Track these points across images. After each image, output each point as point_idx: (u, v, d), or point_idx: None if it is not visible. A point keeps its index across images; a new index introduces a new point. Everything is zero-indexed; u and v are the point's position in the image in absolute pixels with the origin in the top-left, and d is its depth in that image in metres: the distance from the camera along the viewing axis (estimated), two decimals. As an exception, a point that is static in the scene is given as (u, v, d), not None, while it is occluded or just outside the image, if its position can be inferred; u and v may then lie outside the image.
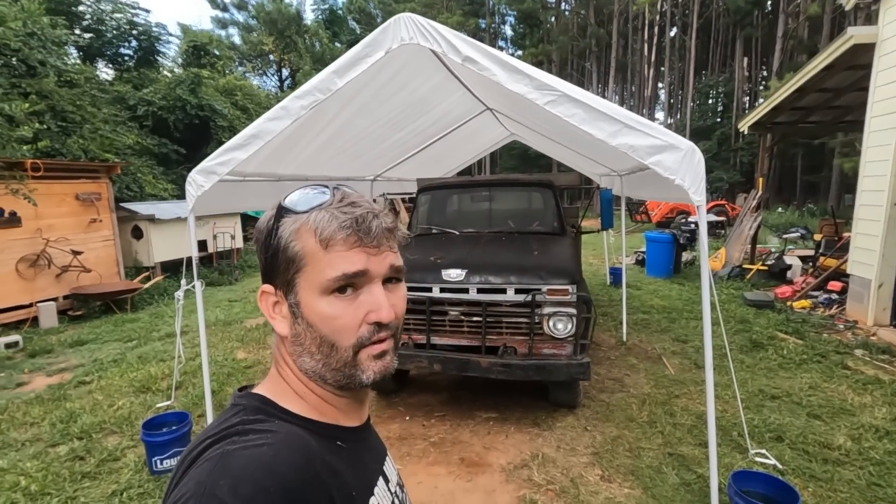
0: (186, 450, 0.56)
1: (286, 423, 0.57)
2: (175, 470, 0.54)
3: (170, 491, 0.52)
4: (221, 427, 0.55)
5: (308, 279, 0.57)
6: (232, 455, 0.50)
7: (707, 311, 2.39)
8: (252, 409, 0.57)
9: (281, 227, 0.58)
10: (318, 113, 2.93)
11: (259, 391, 0.61)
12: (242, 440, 0.52)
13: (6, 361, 5.45)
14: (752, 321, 6.02)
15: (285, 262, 0.58)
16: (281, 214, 0.59)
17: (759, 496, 2.32)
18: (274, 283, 0.60)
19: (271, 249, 0.59)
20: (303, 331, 0.59)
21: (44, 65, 9.78)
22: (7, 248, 6.70)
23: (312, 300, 0.57)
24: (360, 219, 0.57)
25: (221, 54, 20.12)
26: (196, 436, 0.57)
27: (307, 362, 0.59)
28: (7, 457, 3.31)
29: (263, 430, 0.54)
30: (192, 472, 0.50)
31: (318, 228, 0.56)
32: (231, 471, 0.48)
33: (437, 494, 2.82)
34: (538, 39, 35.84)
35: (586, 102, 2.30)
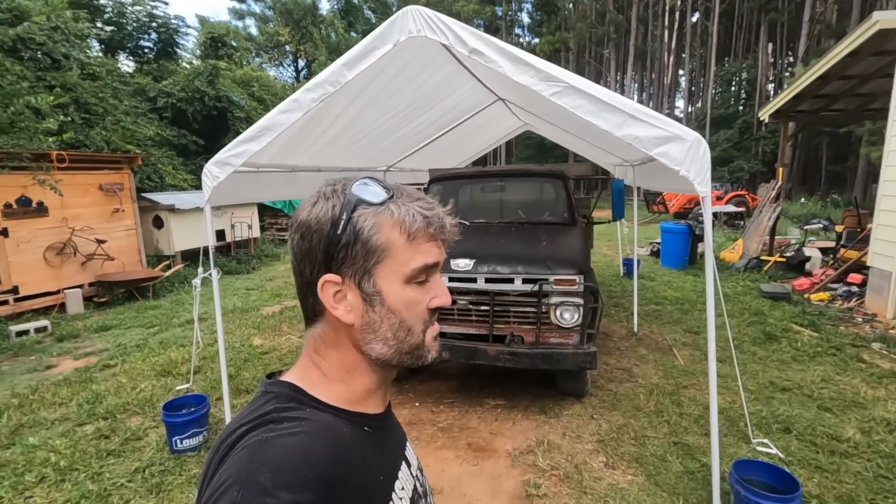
0: (221, 437, 0.57)
1: (317, 410, 0.59)
2: (210, 456, 0.56)
3: (208, 477, 0.53)
4: (256, 414, 0.56)
5: (391, 269, 0.60)
6: (270, 443, 0.52)
7: (711, 303, 2.41)
8: (284, 397, 0.59)
9: (358, 219, 0.59)
10: (329, 105, 2.99)
11: (288, 379, 0.63)
12: (279, 428, 0.54)
13: (36, 345, 5.69)
14: (767, 313, 5.95)
15: (364, 253, 0.59)
16: (353, 206, 0.59)
17: (761, 485, 2.34)
18: (340, 273, 0.60)
19: (342, 240, 0.59)
20: (379, 318, 0.61)
21: (67, 58, 10.03)
22: (35, 237, 6.95)
23: (396, 288, 0.60)
24: (437, 216, 0.62)
25: (238, 45, 20.30)
26: (229, 423, 0.59)
27: (378, 348, 0.61)
28: (38, 434, 3.49)
29: (297, 418, 0.56)
30: (231, 458, 0.52)
31: (404, 222, 0.59)
32: (270, 458, 0.50)
33: (445, 478, 2.90)
34: (555, 27, 35.28)
35: (592, 93, 2.31)
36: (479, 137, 7.35)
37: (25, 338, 5.89)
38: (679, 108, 38.11)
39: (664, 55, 33.12)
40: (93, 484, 2.87)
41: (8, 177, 6.50)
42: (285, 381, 0.62)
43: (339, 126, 3.61)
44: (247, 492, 0.47)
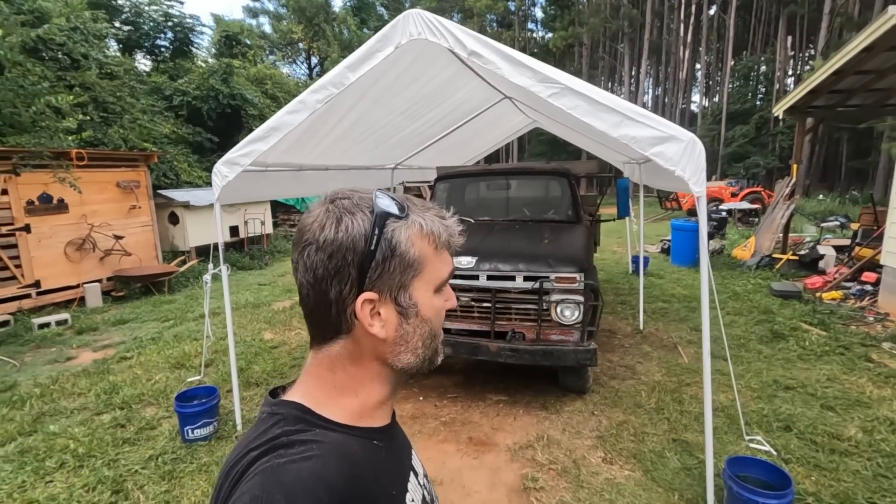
0: (229, 462, 0.56)
1: (327, 430, 0.58)
2: (219, 482, 0.56)
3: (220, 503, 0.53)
4: (265, 438, 0.55)
5: (425, 280, 0.61)
6: (282, 468, 0.51)
7: (705, 301, 2.44)
8: (292, 419, 0.58)
9: (393, 233, 0.58)
10: (335, 105, 3.07)
11: (294, 398, 0.61)
12: (290, 452, 0.53)
13: (57, 337, 5.90)
14: (777, 312, 5.90)
15: (402, 267, 0.59)
16: (384, 220, 0.58)
17: (755, 481, 2.37)
18: (376, 289, 0.59)
19: (378, 255, 0.58)
20: (413, 329, 0.61)
21: (86, 58, 10.28)
22: (56, 233, 7.18)
23: (428, 298, 0.62)
24: (453, 227, 0.64)
25: (252, 43, 20.53)
26: (236, 446, 0.58)
27: (407, 358, 0.62)
28: (58, 422, 3.65)
29: (308, 441, 0.55)
30: (244, 485, 0.51)
31: (432, 233, 0.61)
32: (284, 484, 0.49)
33: (445, 470, 2.98)
34: (568, 22, 34.95)
35: (588, 95, 2.35)
36: (488, 134, 7.38)
37: (47, 330, 6.11)
38: (695, 102, 37.55)
39: (679, 49, 32.64)
40: (109, 470, 3.00)
41: (30, 175, 6.72)
42: (292, 401, 0.61)
43: (345, 125, 3.69)
44: None
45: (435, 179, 5.11)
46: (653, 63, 37.46)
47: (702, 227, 2.40)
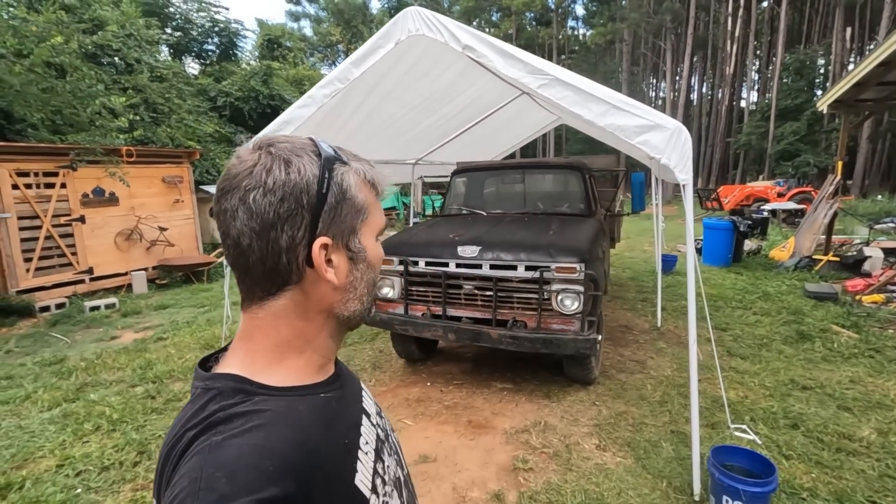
0: (166, 445, 0.53)
1: (268, 397, 0.55)
2: (160, 467, 0.53)
3: (160, 490, 0.51)
4: (200, 416, 0.52)
5: (370, 226, 0.62)
6: (221, 445, 0.48)
7: (692, 297, 2.44)
8: (229, 392, 0.54)
9: (342, 177, 0.58)
10: (344, 100, 3.25)
11: (229, 369, 0.57)
12: (228, 428, 0.50)
13: (105, 319, 6.42)
14: (808, 313, 5.67)
15: (352, 211, 0.59)
16: (332, 164, 0.58)
17: (740, 470, 2.36)
18: (329, 234, 0.58)
19: (329, 199, 0.57)
20: (361, 275, 0.62)
21: (139, 62, 11.03)
22: (107, 224, 7.78)
23: (373, 244, 0.63)
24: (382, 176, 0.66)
25: (293, 46, 21.30)
26: (172, 426, 0.55)
27: (354, 306, 0.62)
28: (98, 392, 4.01)
29: (248, 412, 0.52)
30: (183, 468, 0.48)
31: (374, 180, 0.63)
32: (225, 461, 0.47)
33: (441, 448, 3.10)
34: (608, 17, 34.22)
35: (576, 85, 2.41)
36: (511, 131, 7.43)
37: (97, 312, 6.65)
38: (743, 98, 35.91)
39: (727, 44, 31.32)
40: (136, 434, 3.30)
41: (85, 170, 7.31)
42: (226, 372, 0.57)
43: (358, 119, 3.87)
44: (202, 501, 0.44)
45: (452, 173, 5.23)
46: (699, 58, 36.12)
47: (688, 218, 2.42)
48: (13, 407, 3.80)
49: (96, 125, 7.79)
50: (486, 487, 2.71)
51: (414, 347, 4.35)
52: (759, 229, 11.19)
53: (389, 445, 0.72)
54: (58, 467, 2.95)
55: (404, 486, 0.73)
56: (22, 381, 4.28)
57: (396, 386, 4.06)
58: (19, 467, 2.98)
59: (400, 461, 0.76)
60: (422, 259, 3.75)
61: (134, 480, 2.83)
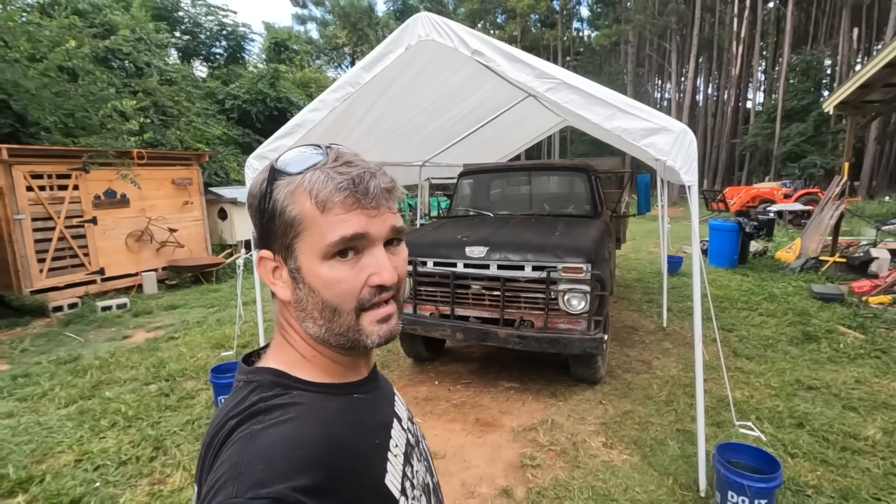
0: (210, 432, 0.56)
1: (304, 392, 0.57)
2: (202, 454, 0.56)
3: (202, 474, 0.54)
4: (242, 407, 0.55)
5: (308, 244, 0.55)
6: (260, 434, 0.51)
7: (697, 297, 2.49)
8: (267, 385, 0.57)
9: (275, 190, 0.55)
10: (355, 104, 3.32)
11: (268, 363, 0.61)
12: (267, 418, 0.53)
13: (116, 319, 6.52)
14: (814, 314, 5.69)
15: (283, 227, 0.56)
16: (274, 177, 0.56)
17: (745, 467, 2.40)
18: (272, 248, 0.58)
19: (267, 214, 0.56)
20: (305, 296, 0.58)
21: (149, 66, 11.17)
22: (118, 225, 7.89)
23: (313, 265, 0.56)
24: (356, 179, 0.55)
25: (300, 49, 21.46)
26: (215, 416, 0.58)
27: (311, 327, 0.59)
28: (113, 390, 4.10)
29: (284, 405, 0.55)
30: (224, 454, 0.51)
31: (313, 190, 0.54)
32: (262, 449, 0.50)
33: (449, 445, 3.15)
34: (613, 19, 34.22)
35: (583, 89, 2.46)
36: (517, 133, 7.48)
37: (109, 312, 6.75)
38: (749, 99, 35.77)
39: (733, 45, 31.25)
40: (152, 430, 3.38)
41: (97, 172, 7.43)
42: (266, 366, 0.60)
43: (368, 122, 3.94)
44: (242, 486, 0.47)
45: (458, 175, 5.29)
46: (704, 60, 36.03)
47: (694, 219, 2.46)
48: (31, 404, 3.89)
49: (108, 128, 7.91)
50: (494, 483, 2.76)
51: (422, 347, 4.40)
52: (765, 230, 11.18)
53: (419, 452, 0.73)
54: (76, 462, 3.03)
55: (433, 493, 0.73)
56: (38, 378, 4.37)
57: (405, 385, 4.11)
58: (39, 462, 3.06)
59: (430, 468, 0.76)
60: (430, 259, 3.81)
61: (151, 475, 2.90)
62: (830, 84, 28.16)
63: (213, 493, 0.48)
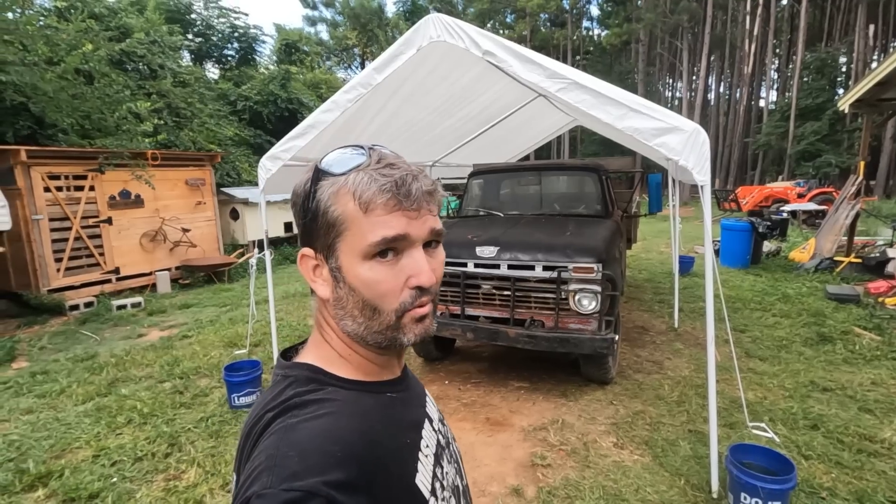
0: (248, 424, 0.58)
1: (339, 388, 0.59)
2: (241, 444, 0.58)
3: (241, 464, 0.55)
4: (279, 400, 0.57)
5: (349, 244, 0.57)
6: (295, 428, 0.52)
7: (710, 297, 2.47)
8: (304, 380, 0.59)
9: (319, 190, 0.57)
10: (366, 104, 3.35)
11: (305, 359, 0.63)
12: (303, 413, 0.54)
13: (131, 317, 6.62)
14: (829, 315, 5.61)
15: (325, 227, 0.57)
16: (318, 177, 0.58)
17: (758, 468, 2.39)
18: (314, 247, 0.60)
19: (310, 213, 0.58)
20: (345, 295, 0.59)
21: (162, 68, 11.32)
22: (133, 225, 8.01)
23: (354, 265, 0.57)
24: (399, 181, 0.56)
25: (310, 50, 21.61)
26: (254, 408, 0.60)
27: (349, 325, 0.60)
28: (128, 387, 4.17)
29: (320, 400, 0.56)
30: (261, 445, 0.53)
31: (356, 191, 0.55)
32: (298, 442, 0.51)
33: (459, 444, 3.09)
34: (624, 18, 33.99)
35: (594, 88, 2.46)
36: (527, 132, 7.47)
37: (123, 311, 6.86)
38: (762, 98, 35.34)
39: (745, 42, 30.89)
40: (167, 427, 3.43)
41: (112, 173, 7.55)
42: (303, 362, 0.62)
43: (379, 122, 3.96)
44: (276, 477, 0.48)
45: (468, 175, 5.30)
46: (716, 58, 35.66)
47: (706, 218, 2.45)
48: (50, 400, 3.97)
49: (123, 129, 8.05)
50: (504, 482, 2.77)
51: (432, 346, 4.42)
52: (779, 230, 11.04)
53: (450, 453, 0.73)
54: (94, 457, 3.09)
55: (462, 495, 0.74)
56: (56, 375, 4.46)
57: (415, 384, 4.13)
58: (58, 457, 3.12)
59: (460, 471, 0.76)
60: (440, 259, 3.82)
61: (166, 471, 2.95)
62: (846, 82, 27.73)
63: (249, 482, 0.49)
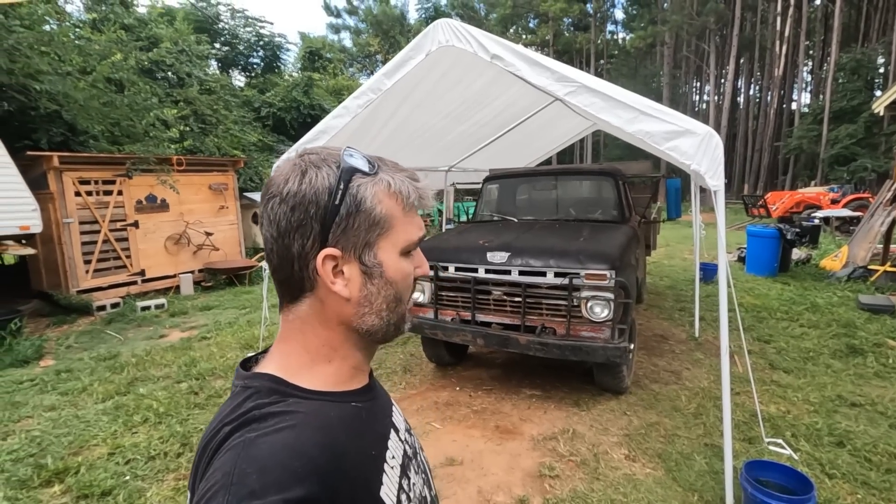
0: (204, 438, 0.55)
1: (301, 399, 0.57)
2: (197, 460, 0.55)
3: (195, 482, 0.53)
4: (237, 413, 0.54)
5: (392, 241, 0.60)
6: (254, 442, 0.50)
7: (724, 304, 2.38)
8: (265, 391, 0.56)
9: (358, 188, 0.57)
10: (378, 110, 3.36)
11: (267, 369, 0.60)
12: (263, 426, 0.52)
13: (154, 318, 6.80)
14: (860, 326, 5.37)
15: (367, 224, 0.57)
16: (350, 175, 0.57)
17: (775, 486, 2.28)
18: (338, 246, 0.58)
19: (342, 210, 0.57)
20: (377, 290, 0.60)
21: (189, 76, 11.66)
22: (158, 229, 8.24)
23: (394, 260, 0.61)
24: (423, 188, 0.62)
25: (333, 57, 21.97)
26: (211, 422, 0.57)
27: (371, 321, 0.61)
28: (146, 386, 4.26)
29: (281, 412, 0.54)
30: (217, 462, 0.50)
31: (401, 193, 0.59)
32: (256, 458, 0.48)
33: (468, 451, 3.13)
34: (649, 21, 33.50)
35: (604, 92, 2.42)
36: (545, 137, 7.40)
37: (147, 312, 7.05)
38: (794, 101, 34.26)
39: (776, 44, 30.05)
40: (180, 427, 3.49)
41: (139, 178, 7.79)
42: (264, 372, 0.60)
43: (391, 127, 3.98)
44: (233, 496, 0.46)
45: (483, 180, 5.28)
46: (745, 60, 34.79)
47: (720, 224, 2.36)
48: (71, 398, 4.09)
49: (150, 136, 8.31)
50: (511, 492, 2.71)
51: (444, 352, 4.40)
52: (809, 237, 10.63)
53: (417, 463, 0.72)
54: (109, 455, 3.16)
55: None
56: (79, 374, 4.60)
57: (426, 389, 4.11)
58: (76, 453, 3.21)
59: (428, 481, 0.75)
60: (452, 264, 3.80)
61: (177, 470, 3.00)
62: (883, 83, 26.63)
63: (203, 503, 0.47)
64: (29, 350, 5.15)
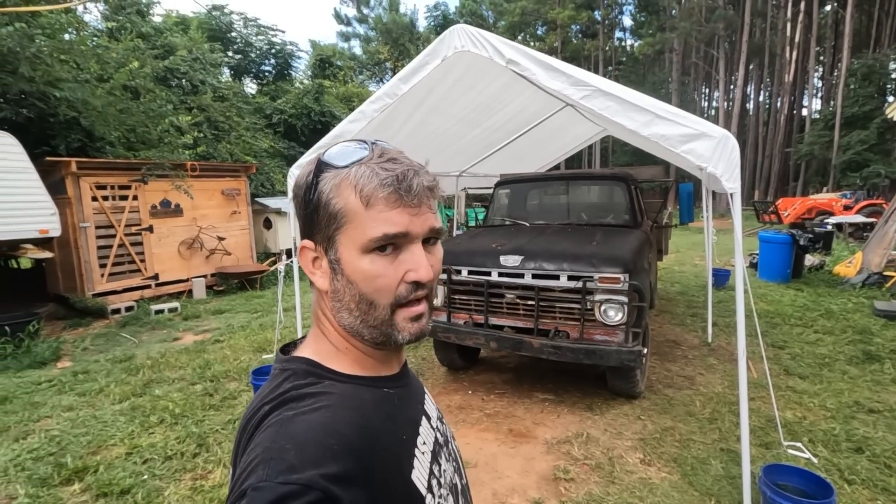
0: (245, 417, 0.58)
1: (336, 382, 0.59)
2: (238, 438, 0.57)
3: (237, 458, 0.55)
4: (276, 393, 0.57)
5: (349, 237, 0.57)
6: (292, 420, 0.52)
7: (741, 309, 2.38)
8: (301, 374, 0.59)
9: (321, 182, 0.57)
10: (393, 114, 3.41)
11: (304, 353, 0.63)
12: (300, 406, 0.54)
13: (168, 322, 6.87)
14: (877, 333, 5.30)
15: (326, 219, 0.58)
16: (320, 169, 0.58)
17: (794, 490, 2.26)
18: (314, 239, 0.60)
19: (311, 205, 0.58)
20: (342, 287, 0.59)
21: (203, 83, 11.85)
22: (172, 234, 8.35)
23: (353, 258, 0.57)
24: (400, 176, 0.56)
25: (343, 65, 22.20)
26: (251, 402, 0.59)
27: (346, 318, 0.60)
28: (162, 388, 4.32)
29: (317, 393, 0.56)
30: (257, 438, 0.52)
31: (358, 185, 0.56)
32: (294, 435, 0.50)
33: (481, 454, 3.13)
34: (657, 27, 33.50)
35: (619, 95, 2.44)
36: (556, 142, 7.42)
37: (161, 315, 7.13)
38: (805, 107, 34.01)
39: (786, 50, 29.91)
40: (196, 428, 3.53)
41: (154, 183, 7.91)
42: (301, 356, 0.62)
43: (405, 132, 4.02)
44: (272, 470, 0.48)
45: (495, 185, 5.30)
46: (754, 67, 34.63)
47: (736, 228, 2.37)
48: (89, 399, 4.15)
49: (165, 142, 8.45)
50: (526, 495, 2.71)
51: (456, 355, 4.41)
52: (822, 243, 10.54)
53: (448, 451, 0.73)
54: (127, 455, 3.20)
55: (461, 494, 0.73)
56: (96, 375, 4.66)
57: (438, 393, 4.12)
58: (94, 453, 3.25)
59: (459, 469, 0.75)
60: (465, 268, 3.82)
61: (194, 470, 3.03)
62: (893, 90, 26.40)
63: (245, 476, 0.49)
64: (46, 352, 5.23)
